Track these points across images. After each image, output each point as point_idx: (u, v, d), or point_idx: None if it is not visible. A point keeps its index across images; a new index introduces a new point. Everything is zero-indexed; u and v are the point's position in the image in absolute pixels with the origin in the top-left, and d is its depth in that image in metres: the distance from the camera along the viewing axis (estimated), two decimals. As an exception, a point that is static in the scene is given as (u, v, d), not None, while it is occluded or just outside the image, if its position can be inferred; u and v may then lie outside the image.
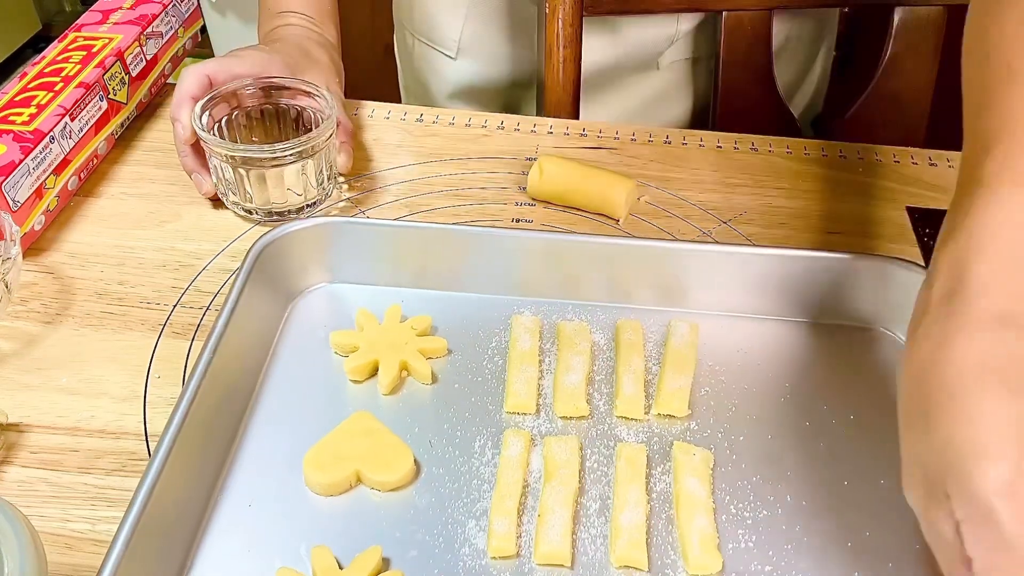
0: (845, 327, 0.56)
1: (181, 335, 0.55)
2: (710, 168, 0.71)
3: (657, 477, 0.48)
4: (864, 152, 0.74)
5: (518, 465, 0.47)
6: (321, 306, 0.57)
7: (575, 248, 0.56)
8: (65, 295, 0.58)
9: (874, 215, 0.67)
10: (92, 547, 0.44)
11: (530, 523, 0.45)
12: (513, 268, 0.57)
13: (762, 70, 0.82)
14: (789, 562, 0.44)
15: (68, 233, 0.63)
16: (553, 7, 0.78)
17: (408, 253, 0.57)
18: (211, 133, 0.61)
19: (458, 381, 0.53)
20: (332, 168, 0.65)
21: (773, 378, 0.53)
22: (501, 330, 0.56)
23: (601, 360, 0.54)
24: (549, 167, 0.65)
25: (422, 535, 0.45)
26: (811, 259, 0.55)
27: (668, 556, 0.44)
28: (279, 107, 0.66)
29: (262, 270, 0.54)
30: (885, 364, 0.55)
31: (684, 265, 0.56)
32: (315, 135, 0.60)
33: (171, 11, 0.76)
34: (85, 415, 0.50)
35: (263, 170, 0.60)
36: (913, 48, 0.83)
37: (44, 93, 0.63)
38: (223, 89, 0.63)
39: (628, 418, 0.51)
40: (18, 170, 0.57)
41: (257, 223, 0.64)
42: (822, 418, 0.51)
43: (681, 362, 0.53)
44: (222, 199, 0.64)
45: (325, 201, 0.66)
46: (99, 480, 0.47)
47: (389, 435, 0.48)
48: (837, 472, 0.48)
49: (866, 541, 0.45)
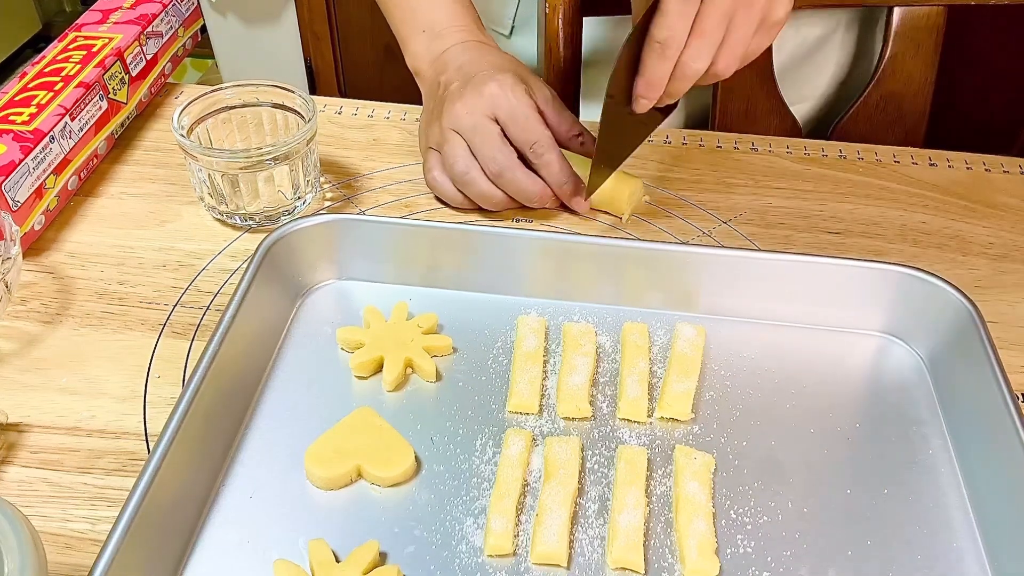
0: (852, 334, 0.56)
1: (181, 335, 0.55)
2: (710, 168, 0.71)
3: (658, 480, 0.48)
4: (864, 152, 0.74)
5: (518, 464, 0.47)
6: (329, 302, 0.57)
7: (583, 250, 0.56)
8: (65, 295, 0.58)
9: (874, 215, 0.67)
10: (92, 547, 0.44)
11: (528, 522, 0.45)
12: (521, 269, 0.57)
13: (763, 71, 0.82)
14: (788, 569, 0.44)
15: (68, 233, 0.63)
16: (553, 7, 0.78)
17: (417, 251, 0.57)
18: (190, 139, 0.61)
19: (462, 379, 0.53)
20: (316, 171, 0.65)
21: (778, 384, 0.53)
22: (507, 330, 0.56)
23: (606, 362, 0.54)
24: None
25: (420, 531, 0.45)
26: (819, 265, 0.55)
27: (665, 559, 0.44)
28: (258, 110, 0.66)
29: (271, 266, 0.54)
30: (891, 372, 0.55)
31: (692, 269, 0.56)
32: (293, 139, 0.60)
33: (171, 11, 0.76)
34: (85, 415, 0.50)
35: (244, 175, 0.60)
36: (913, 48, 0.83)
37: (44, 93, 0.63)
38: (205, 93, 0.63)
39: (631, 420, 0.51)
40: (18, 170, 0.57)
41: (246, 230, 0.64)
42: (826, 425, 0.51)
43: (686, 366, 0.53)
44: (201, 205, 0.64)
45: (310, 205, 0.65)
46: (99, 480, 0.47)
47: (391, 431, 0.48)
48: (839, 480, 0.48)
49: (867, 550, 0.45)
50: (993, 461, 0.47)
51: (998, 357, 0.49)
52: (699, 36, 0.51)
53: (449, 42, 0.67)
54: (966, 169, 0.73)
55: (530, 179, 0.62)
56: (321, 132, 0.73)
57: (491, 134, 0.61)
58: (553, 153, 0.61)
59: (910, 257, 0.63)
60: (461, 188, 0.63)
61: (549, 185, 0.62)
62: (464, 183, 0.63)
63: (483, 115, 0.61)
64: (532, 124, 0.61)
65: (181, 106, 0.62)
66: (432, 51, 0.68)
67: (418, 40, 0.69)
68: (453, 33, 0.68)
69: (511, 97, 0.61)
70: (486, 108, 0.61)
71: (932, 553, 0.45)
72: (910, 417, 0.52)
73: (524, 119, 0.61)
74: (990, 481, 0.47)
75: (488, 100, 0.61)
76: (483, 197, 0.63)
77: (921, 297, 0.54)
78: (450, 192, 0.64)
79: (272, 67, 1.80)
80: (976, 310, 0.52)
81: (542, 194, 0.62)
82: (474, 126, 0.61)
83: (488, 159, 0.61)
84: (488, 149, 0.61)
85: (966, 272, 0.63)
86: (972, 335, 0.51)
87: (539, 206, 0.64)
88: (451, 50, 0.67)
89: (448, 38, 0.67)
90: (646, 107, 0.56)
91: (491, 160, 0.61)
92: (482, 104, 0.61)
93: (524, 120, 0.61)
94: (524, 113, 0.61)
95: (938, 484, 0.48)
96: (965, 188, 0.71)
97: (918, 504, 0.47)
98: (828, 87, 0.90)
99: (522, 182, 0.62)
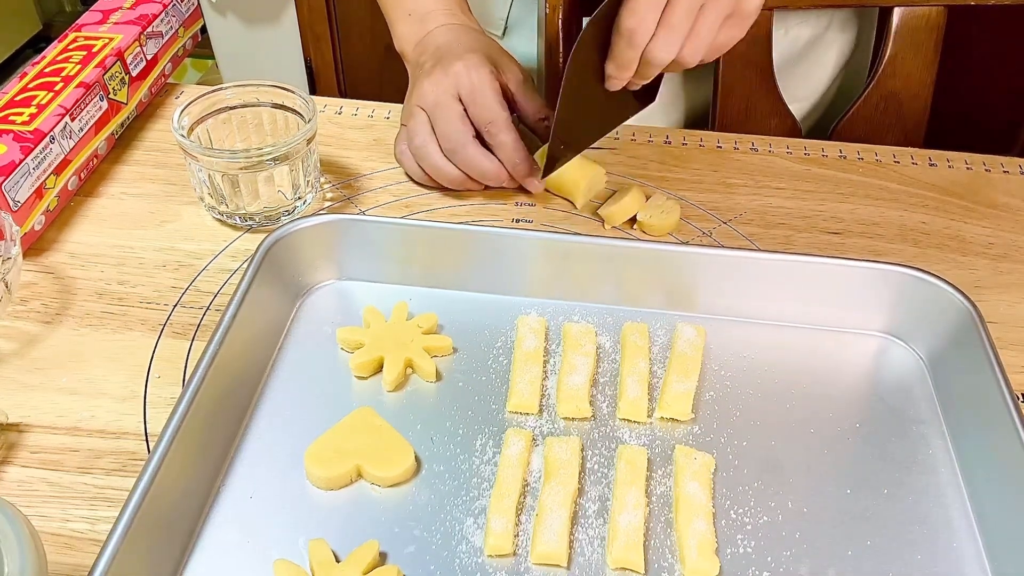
0: (852, 334, 0.56)
1: (181, 335, 0.55)
2: (710, 168, 0.71)
3: (658, 480, 0.48)
4: (864, 152, 0.74)
5: (518, 464, 0.47)
6: (329, 302, 0.57)
7: (584, 250, 0.56)
8: (65, 295, 0.58)
9: (874, 215, 0.67)
10: (92, 547, 0.44)
11: (528, 522, 0.45)
12: (521, 269, 0.57)
13: (762, 70, 0.82)
14: (787, 569, 0.44)
15: (68, 233, 0.63)
16: (553, 7, 0.78)
17: (417, 252, 0.57)
18: (190, 139, 0.61)
19: (462, 380, 0.53)
20: (316, 171, 0.65)
21: (778, 384, 0.53)
22: (507, 330, 0.56)
23: (606, 362, 0.54)
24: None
25: (420, 531, 0.45)
26: (819, 265, 0.55)
27: (665, 559, 0.44)
28: (258, 111, 0.66)
29: (272, 266, 0.54)
30: (891, 372, 0.55)
31: (692, 269, 0.56)
32: (293, 139, 0.60)
33: (171, 11, 0.76)
34: (85, 415, 0.50)
35: (244, 175, 0.60)
36: (913, 48, 0.83)
37: (44, 93, 0.63)
38: (205, 93, 0.63)
39: (631, 420, 0.51)
40: (18, 170, 0.57)
41: (246, 230, 0.64)
42: (826, 425, 0.51)
43: (686, 366, 0.53)
44: (201, 205, 0.64)
45: (310, 205, 0.65)
46: (99, 480, 0.47)
47: (391, 431, 0.49)
48: (839, 480, 0.48)
49: (867, 550, 0.45)
50: (993, 461, 0.47)
51: (998, 357, 0.49)
52: (666, 27, 0.52)
53: (432, 24, 0.69)
54: (966, 169, 0.73)
55: (484, 157, 0.63)
56: (321, 132, 0.73)
57: (451, 111, 0.63)
58: (508, 134, 0.62)
59: (910, 257, 0.63)
60: (419, 162, 0.65)
61: (504, 165, 0.63)
62: (420, 157, 0.65)
63: (446, 93, 0.63)
64: (490, 104, 0.62)
65: (181, 106, 0.62)
66: (417, 33, 0.70)
67: (404, 23, 0.71)
68: (437, 16, 0.70)
69: (473, 76, 0.63)
70: (450, 86, 0.63)
71: (932, 553, 0.45)
72: (910, 417, 0.52)
73: (483, 98, 0.62)
74: (990, 481, 0.47)
75: (452, 79, 0.63)
76: (437, 171, 0.65)
77: (921, 297, 0.54)
78: (412, 166, 0.66)
79: (272, 67, 1.80)
80: (976, 310, 0.52)
81: (496, 173, 0.63)
82: (436, 103, 0.63)
83: (443, 135, 0.63)
84: (445, 125, 0.63)
85: (966, 272, 0.63)
86: (972, 335, 0.51)
87: (495, 184, 0.65)
88: (433, 32, 0.69)
89: (431, 21, 0.69)
90: (617, 86, 0.57)
91: (446, 137, 0.63)
92: (447, 82, 0.63)
93: (483, 99, 0.62)
94: (484, 92, 0.62)
95: (938, 484, 0.48)
96: (965, 188, 0.71)
97: (918, 504, 0.47)
98: (824, 88, 0.90)
99: (475, 159, 0.63)
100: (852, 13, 0.87)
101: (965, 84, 1.07)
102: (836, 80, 0.90)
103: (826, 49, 0.88)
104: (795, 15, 0.83)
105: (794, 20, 0.84)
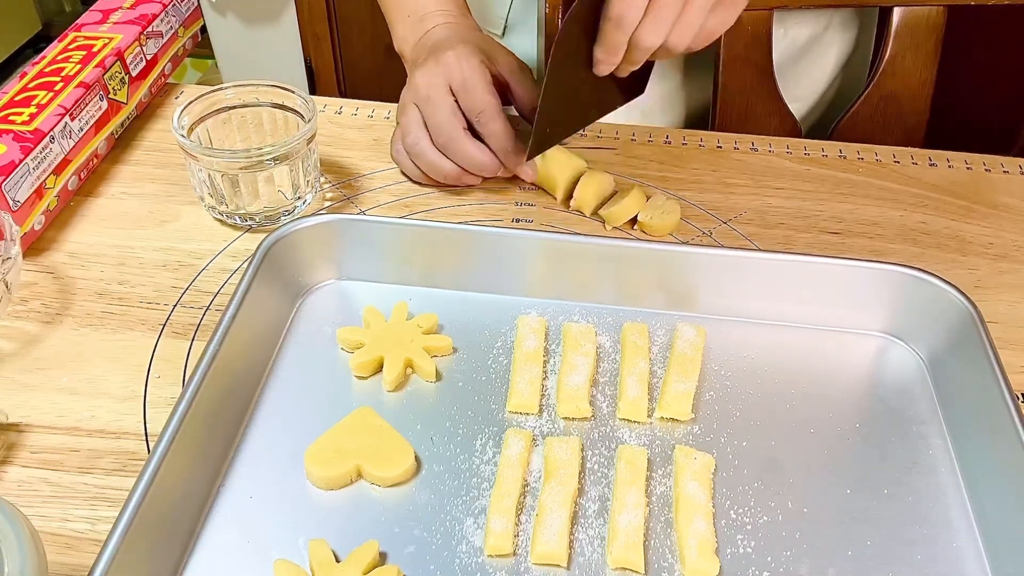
0: (852, 334, 0.56)
1: (181, 335, 0.55)
2: (710, 168, 0.71)
3: (658, 480, 0.48)
4: (864, 152, 0.74)
5: (518, 464, 0.47)
6: (329, 302, 0.57)
7: (584, 250, 0.56)
8: (65, 295, 0.58)
9: (874, 215, 0.67)
10: (92, 547, 0.44)
11: (528, 522, 0.45)
12: (521, 269, 0.57)
13: (762, 70, 0.82)
14: (787, 569, 0.44)
15: (68, 233, 0.63)
16: (553, 6, 0.78)
17: (417, 251, 0.57)
18: (190, 139, 0.61)
19: (462, 380, 0.53)
20: (316, 171, 0.65)
21: (778, 384, 0.53)
22: (507, 330, 0.56)
23: (606, 362, 0.54)
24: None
25: (420, 531, 0.45)
26: (819, 265, 0.55)
27: (665, 559, 0.44)
28: (258, 111, 0.66)
29: (271, 266, 0.54)
30: (891, 373, 0.55)
31: (692, 269, 0.56)
32: (293, 139, 0.60)
33: (171, 11, 0.76)
34: (85, 415, 0.50)
35: (244, 175, 0.60)
36: (913, 48, 0.83)
37: (44, 93, 0.63)
38: (205, 93, 0.63)
39: (631, 420, 0.51)
40: (18, 170, 0.57)
41: (246, 230, 0.64)
42: (826, 425, 0.51)
43: (686, 366, 0.53)
44: (201, 205, 0.64)
45: (310, 205, 0.65)
46: (99, 480, 0.47)
47: (391, 431, 0.49)
48: (840, 480, 0.48)
49: (867, 550, 0.45)
50: (993, 461, 0.47)
51: (998, 357, 0.49)
52: (655, 11, 0.52)
53: (430, 24, 0.69)
54: (966, 169, 0.73)
55: (477, 148, 0.63)
56: (321, 132, 0.73)
57: (442, 104, 0.62)
58: (498, 122, 0.62)
59: (910, 257, 0.63)
60: (414, 159, 0.65)
61: (495, 154, 0.63)
62: (415, 154, 0.64)
63: (438, 86, 0.62)
64: (480, 93, 0.62)
65: (181, 106, 0.62)
66: (415, 34, 0.70)
67: (404, 24, 0.71)
68: (435, 16, 0.70)
69: (464, 65, 0.62)
70: (441, 77, 0.63)
71: (932, 553, 0.45)
72: (910, 417, 0.52)
73: (473, 87, 0.62)
74: (990, 481, 0.47)
75: (443, 68, 0.63)
76: (432, 167, 0.64)
77: (921, 297, 0.54)
78: (408, 165, 0.66)
79: (272, 67, 1.80)
80: (976, 310, 0.52)
81: (490, 164, 0.63)
82: (427, 97, 0.63)
83: (435, 128, 0.63)
84: (436, 119, 0.62)
85: (966, 272, 0.63)
86: (972, 335, 0.51)
87: (489, 175, 0.65)
88: (431, 31, 0.69)
89: (430, 21, 0.69)
90: (606, 71, 0.57)
91: (437, 130, 0.62)
92: (438, 72, 0.63)
93: (473, 88, 0.62)
94: (474, 82, 0.62)
95: (938, 484, 0.48)
96: (965, 188, 0.71)
97: (918, 504, 0.47)
98: (824, 87, 0.90)
99: (468, 151, 0.62)
100: (852, 13, 0.87)
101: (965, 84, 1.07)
102: (836, 80, 0.90)
103: (826, 49, 0.88)
104: (795, 15, 0.83)
105: (794, 20, 0.84)
